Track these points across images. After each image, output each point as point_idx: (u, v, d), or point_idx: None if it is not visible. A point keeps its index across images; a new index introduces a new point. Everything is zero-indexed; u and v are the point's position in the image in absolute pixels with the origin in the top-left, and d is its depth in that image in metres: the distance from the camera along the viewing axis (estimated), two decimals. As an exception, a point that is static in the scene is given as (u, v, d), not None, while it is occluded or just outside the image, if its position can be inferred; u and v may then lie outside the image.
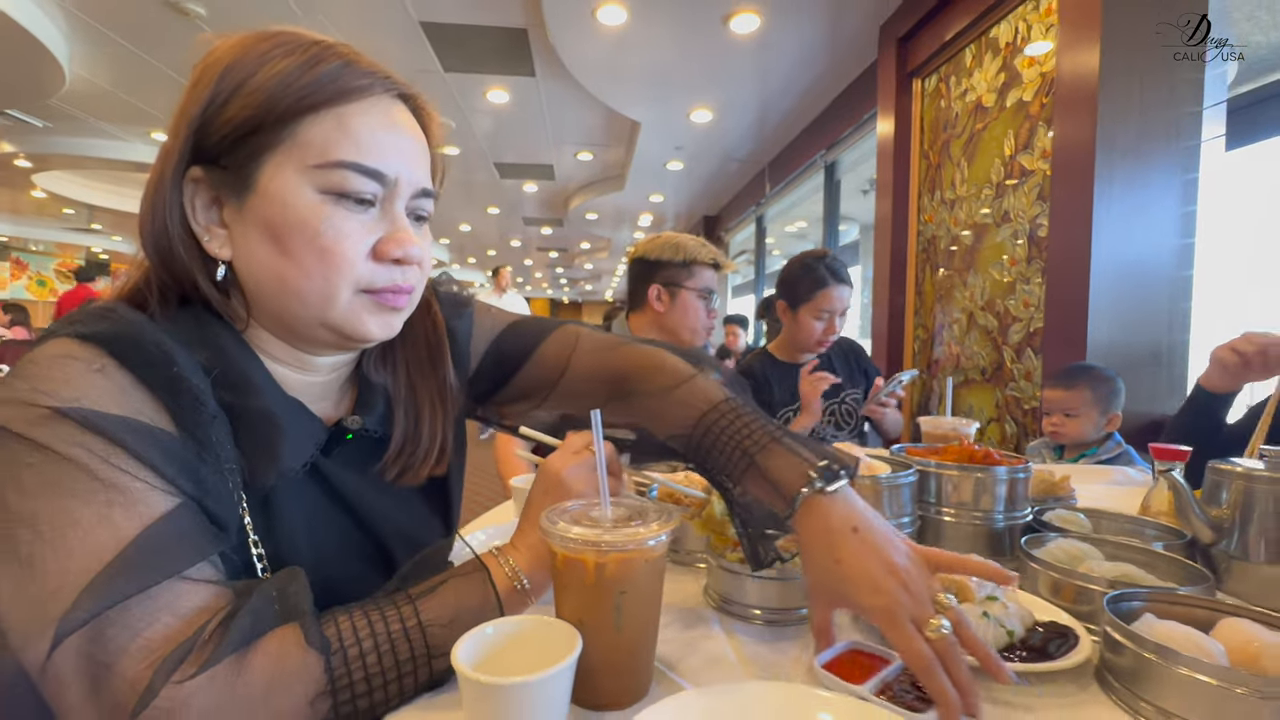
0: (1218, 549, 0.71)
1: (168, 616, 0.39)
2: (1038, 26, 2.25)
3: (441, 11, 3.36)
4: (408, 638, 0.44)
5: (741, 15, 3.11)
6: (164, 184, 0.48)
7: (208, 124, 0.47)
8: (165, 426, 0.43)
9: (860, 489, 0.73)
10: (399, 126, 0.52)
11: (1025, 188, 2.28)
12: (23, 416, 0.40)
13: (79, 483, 0.39)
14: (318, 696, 0.40)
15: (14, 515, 0.39)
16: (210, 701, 0.37)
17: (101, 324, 0.44)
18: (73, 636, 0.37)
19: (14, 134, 5.60)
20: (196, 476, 0.44)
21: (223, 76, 0.47)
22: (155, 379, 0.43)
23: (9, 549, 0.38)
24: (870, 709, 0.42)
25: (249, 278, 0.50)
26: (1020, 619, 0.56)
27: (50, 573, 0.38)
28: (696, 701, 0.43)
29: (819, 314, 1.66)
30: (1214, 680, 0.44)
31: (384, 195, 0.50)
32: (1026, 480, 0.80)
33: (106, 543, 0.39)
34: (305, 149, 0.47)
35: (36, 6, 3.47)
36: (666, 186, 6.53)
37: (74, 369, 0.41)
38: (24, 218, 9.79)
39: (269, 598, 0.42)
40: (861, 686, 0.46)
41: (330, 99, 0.48)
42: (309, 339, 0.52)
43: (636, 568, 0.45)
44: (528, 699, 0.39)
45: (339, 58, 0.49)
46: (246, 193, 0.48)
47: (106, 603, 0.37)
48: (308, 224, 0.47)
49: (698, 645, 0.57)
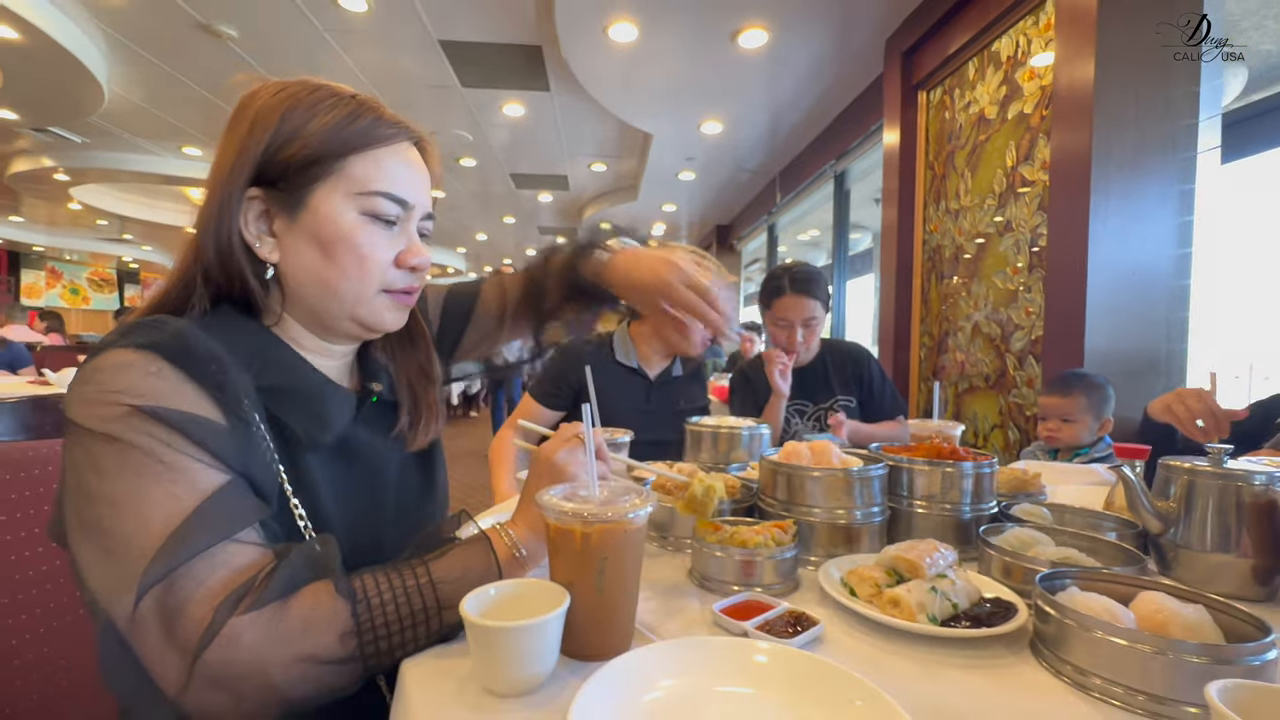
0: (1166, 539, 0.76)
1: (224, 571, 0.48)
2: (1037, 41, 2.31)
3: (460, 31, 3.50)
4: (420, 592, 0.52)
5: (750, 31, 3.20)
6: (229, 200, 0.59)
7: (270, 157, 0.59)
8: (213, 415, 0.52)
9: (833, 481, 0.80)
10: (414, 165, 0.66)
11: (1026, 198, 2.32)
12: (98, 415, 0.49)
13: (147, 466, 0.48)
14: (345, 634, 0.49)
15: (95, 497, 0.48)
16: (258, 635, 0.46)
17: (154, 334, 0.53)
18: (151, 590, 0.45)
19: (55, 149, 5.86)
20: (242, 456, 0.53)
21: (282, 121, 0.59)
22: (203, 376, 0.52)
23: (94, 526, 0.47)
24: (786, 649, 0.51)
25: (292, 278, 0.62)
26: (966, 594, 0.63)
27: (130, 540, 0.46)
28: (660, 650, 0.51)
29: (776, 321, 1.72)
30: (1122, 641, 0.50)
31: (404, 217, 0.65)
32: (992, 475, 0.86)
33: (173, 513, 0.47)
34: (350, 180, 0.61)
35: (79, 30, 3.67)
36: (679, 196, 6.63)
37: (134, 374, 0.50)
38: (59, 228, 10.17)
39: (306, 556, 0.51)
40: (747, 623, 0.57)
41: (369, 143, 0.62)
42: (335, 330, 0.65)
43: (617, 538, 0.53)
44: (523, 640, 0.47)
45: (372, 112, 0.63)
46: (299, 210, 0.60)
47: (176, 561, 0.46)
48: (350, 238, 0.60)
49: (677, 614, 0.65)
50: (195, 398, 0.52)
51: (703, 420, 1.19)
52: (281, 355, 0.62)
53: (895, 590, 0.62)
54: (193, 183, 6.57)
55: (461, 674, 0.51)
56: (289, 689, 0.47)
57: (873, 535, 0.82)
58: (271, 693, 0.46)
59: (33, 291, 11.88)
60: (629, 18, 3.09)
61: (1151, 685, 0.49)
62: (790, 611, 0.62)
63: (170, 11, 3.35)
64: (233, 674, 0.45)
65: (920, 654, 0.58)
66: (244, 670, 0.45)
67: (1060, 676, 0.54)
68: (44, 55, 3.70)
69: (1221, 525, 0.72)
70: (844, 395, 1.76)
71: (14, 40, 3.57)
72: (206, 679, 0.44)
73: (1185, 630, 0.52)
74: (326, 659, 0.48)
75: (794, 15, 3.08)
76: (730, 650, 0.51)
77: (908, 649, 0.59)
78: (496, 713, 0.47)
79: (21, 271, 11.71)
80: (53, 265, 12.29)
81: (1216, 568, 0.72)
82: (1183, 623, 0.53)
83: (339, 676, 0.49)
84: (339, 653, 0.48)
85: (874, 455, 0.89)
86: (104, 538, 0.47)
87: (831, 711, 0.44)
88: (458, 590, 0.52)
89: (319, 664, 0.48)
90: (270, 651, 0.46)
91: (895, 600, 0.62)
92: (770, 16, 3.10)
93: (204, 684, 0.44)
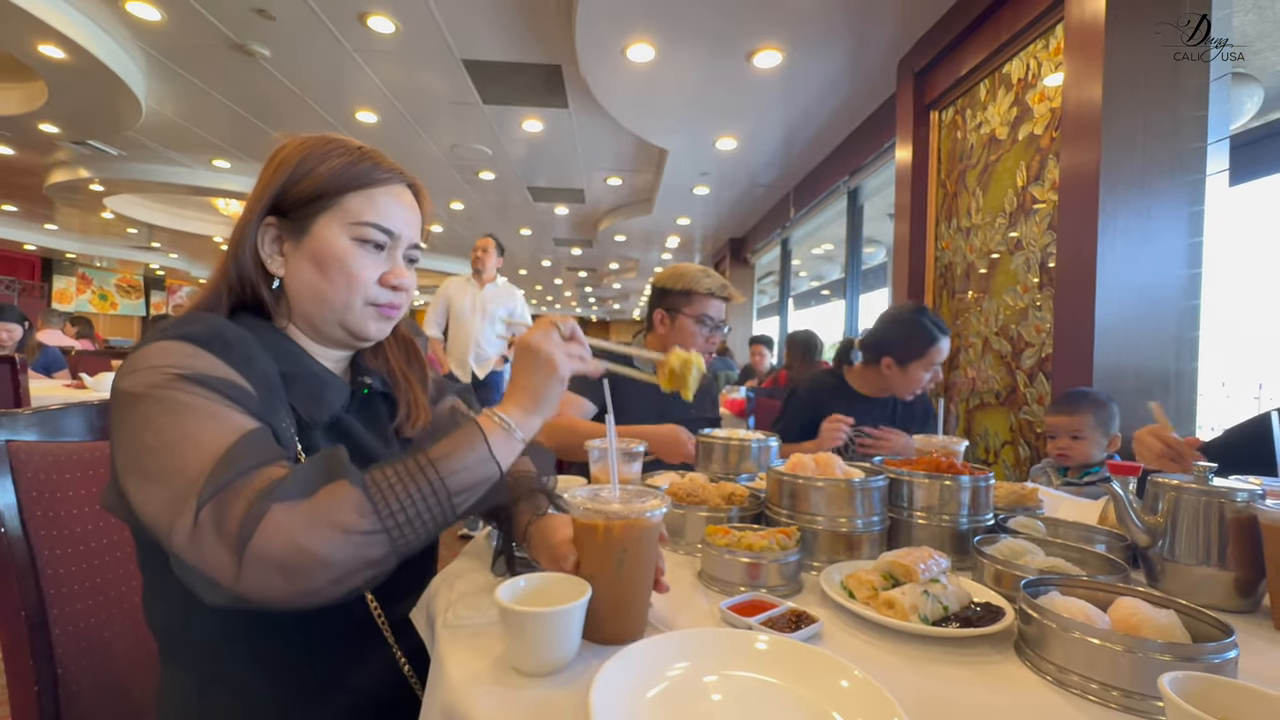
0: (1153, 552, 0.80)
1: (259, 483, 0.55)
2: (1048, 64, 2.35)
3: (482, 51, 3.62)
4: (421, 470, 0.59)
5: (765, 52, 3.27)
6: (251, 225, 0.72)
7: (285, 193, 0.72)
8: (238, 379, 0.62)
9: (836, 491, 0.85)
10: (405, 203, 0.78)
11: (1037, 217, 2.36)
12: (148, 382, 0.58)
13: (193, 414, 0.57)
14: (363, 509, 0.55)
15: (154, 448, 0.56)
16: (290, 518, 0.53)
17: (189, 326, 0.63)
18: (206, 505, 0.53)
19: (91, 161, 6.08)
20: (270, 418, 0.63)
21: (299, 164, 0.72)
22: (233, 358, 0.63)
23: (154, 472, 0.56)
24: (784, 640, 0.57)
25: (294, 290, 0.74)
26: (957, 598, 0.67)
27: (186, 471, 0.55)
28: (672, 638, 0.56)
29: (929, 367, 1.77)
30: (1096, 640, 0.55)
31: (391, 245, 0.76)
32: (988, 489, 0.91)
33: (219, 444, 0.56)
34: (346, 212, 0.73)
35: (121, 49, 3.84)
36: (694, 210, 6.71)
37: (176, 354, 0.61)
38: (91, 236, 10.49)
39: (322, 459, 0.59)
40: (752, 619, 0.62)
41: (365, 184, 0.74)
42: (327, 334, 0.76)
43: (634, 534, 0.59)
44: (550, 625, 0.53)
45: (372, 159, 0.75)
46: (303, 235, 0.73)
47: (226, 479, 0.54)
48: (342, 258, 0.72)
49: (687, 610, 0.70)
50: (226, 374, 0.62)
51: (714, 432, 1.24)
52: (289, 347, 0.74)
53: (890, 593, 0.67)
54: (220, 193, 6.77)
55: (493, 655, 0.57)
56: (329, 554, 0.53)
57: (873, 543, 0.87)
58: (314, 561, 0.53)
59: (64, 297, 12.24)
60: (647, 39, 3.18)
61: (1123, 681, 0.53)
62: (792, 610, 0.67)
63: (207, 32, 3.51)
64: (276, 553, 0.52)
65: (912, 651, 0.62)
66: (285, 547, 0.52)
67: (1042, 674, 0.58)
68: (87, 73, 3.87)
69: (1206, 539, 0.76)
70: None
71: (60, 59, 3.74)
72: (255, 563, 0.51)
73: (1156, 632, 0.56)
74: (351, 529, 0.54)
75: (809, 37, 3.16)
76: (734, 639, 0.56)
77: (901, 647, 0.63)
78: (525, 690, 0.52)
79: (54, 277, 12.07)
80: (83, 271, 12.65)
81: (1201, 580, 0.76)
82: (1154, 626, 0.57)
83: (370, 547, 0.55)
84: (361, 525, 0.55)
85: (876, 468, 0.94)
86: (164, 476, 0.55)
87: (822, 692, 0.49)
88: (453, 465, 0.60)
89: (347, 533, 0.54)
90: (302, 527, 0.53)
91: (890, 602, 0.66)
92: (785, 38, 3.17)
93: (254, 569, 0.51)
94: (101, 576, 0.81)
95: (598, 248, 9.37)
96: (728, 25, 3.05)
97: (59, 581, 0.76)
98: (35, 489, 0.76)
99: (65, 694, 0.75)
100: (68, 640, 0.76)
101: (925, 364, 1.76)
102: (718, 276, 1.70)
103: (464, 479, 0.60)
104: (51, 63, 3.80)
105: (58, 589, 0.76)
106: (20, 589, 0.72)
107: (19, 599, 0.72)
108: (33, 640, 0.73)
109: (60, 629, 0.76)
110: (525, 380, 0.68)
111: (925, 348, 1.75)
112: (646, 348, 1.73)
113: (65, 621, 0.76)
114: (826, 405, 1.79)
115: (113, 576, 0.82)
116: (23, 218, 9.32)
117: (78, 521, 0.80)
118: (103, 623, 0.80)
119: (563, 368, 0.68)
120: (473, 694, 0.52)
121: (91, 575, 0.80)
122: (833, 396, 1.83)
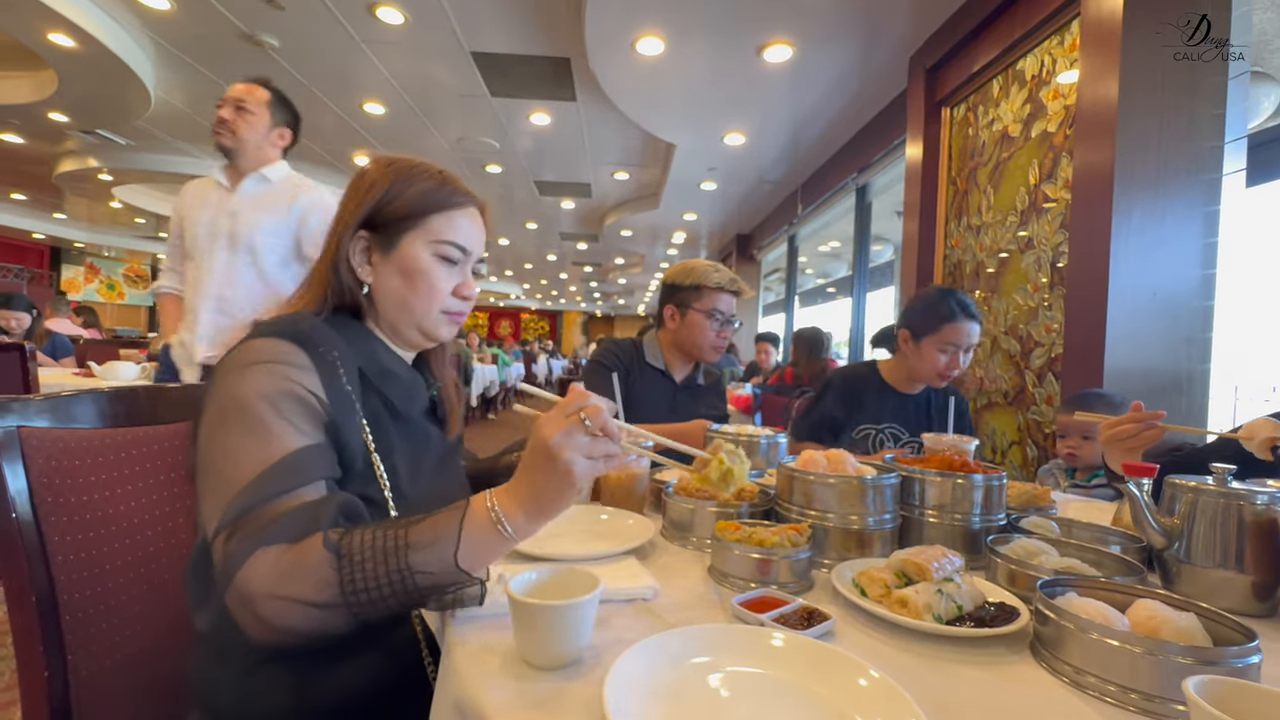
0: (1169, 554, 0.79)
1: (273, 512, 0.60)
2: (1062, 60, 2.33)
3: (491, 43, 3.60)
4: (395, 554, 0.57)
5: (775, 46, 3.25)
6: (346, 237, 0.81)
7: (377, 211, 0.81)
8: (319, 388, 0.69)
9: (847, 488, 0.84)
10: (476, 223, 0.88)
11: (1049, 216, 2.34)
12: (234, 380, 0.66)
13: (255, 425, 0.64)
14: (325, 583, 0.56)
15: (218, 446, 0.63)
16: (263, 569, 0.57)
17: (290, 326, 0.72)
18: (226, 526, 0.58)
19: (100, 151, 6.10)
20: (336, 421, 0.69)
21: (390, 187, 0.81)
22: (318, 359, 0.71)
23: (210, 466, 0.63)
24: (800, 637, 0.56)
25: (381, 297, 0.83)
26: (971, 598, 0.67)
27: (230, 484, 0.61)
28: (685, 633, 0.56)
29: (944, 346, 1.65)
30: (1115, 642, 0.54)
31: (464, 260, 0.85)
32: (1001, 488, 0.90)
33: (262, 462, 0.62)
34: (430, 231, 0.82)
35: (130, 38, 3.84)
36: (700, 205, 6.69)
37: (270, 350, 0.69)
38: (99, 226, 10.54)
39: (311, 514, 0.60)
40: (764, 615, 0.62)
41: (446, 206, 0.83)
42: (404, 337, 0.85)
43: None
44: (563, 618, 0.52)
45: (452, 184, 0.85)
46: (392, 250, 0.82)
47: (247, 504, 0.59)
48: (425, 271, 0.82)
49: (697, 607, 0.69)
50: (310, 372, 0.69)
51: (723, 428, 1.24)
52: (381, 347, 0.83)
53: (903, 591, 0.66)
54: (228, 184, 6.77)
55: (504, 650, 0.57)
56: (273, 618, 0.56)
57: (884, 541, 0.86)
58: (261, 621, 0.56)
59: (72, 286, 12.30)
60: (656, 32, 3.16)
61: (1142, 684, 0.52)
62: (804, 607, 0.66)
63: (217, 22, 3.51)
64: (249, 594, 0.56)
65: (926, 651, 0.62)
66: (256, 595, 0.56)
67: (1058, 675, 0.58)
68: (97, 62, 3.88)
69: (1224, 542, 0.75)
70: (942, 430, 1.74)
71: (70, 48, 3.75)
72: (233, 597, 0.56)
73: (1176, 635, 0.55)
74: (311, 602, 0.56)
75: (819, 32, 3.13)
76: (749, 636, 0.55)
77: (914, 645, 0.63)
78: (537, 682, 0.52)
79: (62, 266, 12.13)
80: (91, 261, 12.71)
81: (1218, 583, 0.75)
82: (1174, 628, 0.56)
83: (324, 618, 0.56)
84: (316, 598, 0.56)
85: (887, 465, 0.93)
86: (217, 475, 0.62)
87: (839, 690, 0.49)
88: (429, 558, 0.57)
89: (305, 606, 0.56)
90: (263, 585, 0.56)
91: (903, 600, 0.66)
92: (796, 32, 3.15)
93: (233, 601, 0.56)
94: (111, 563, 0.81)
95: (603, 242, 9.36)
96: (738, 19, 3.03)
97: (69, 567, 0.76)
98: (46, 475, 0.76)
99: (75, 679, 0.75)
100: (77, 626, 0.76)
101: (939, 341, 1.64)
102: (727, 271, 1.69)
103: (433, 580, 0.57)
104: (61, 51, 3.81)
105: (68, 575, 0.76)
106: (31, 574, 0.72)
107: (29, 584, 0.72)
108: (43, 626, 0.73)
109: (70, 615, 0.76)
110: (534, 480, 0.59)
111: (940, 323, 1.64)
112: (657, 343, 1.72)
113: (75, 608, 0.76)
114: (861, 397, 1.75)
115: (122, 563, 0.82)
116: (32, 206, 9.36)
117: (88, 508, 0.80)
118: (112, 609, 0.80)
119: (581, 478, 0.58)
120: (484, 686, 0.52)
121: (101, 562, 0.80)
122: (867, 388, 1.77)
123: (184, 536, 0.90)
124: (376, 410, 0.77)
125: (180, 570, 0.88)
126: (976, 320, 1.66)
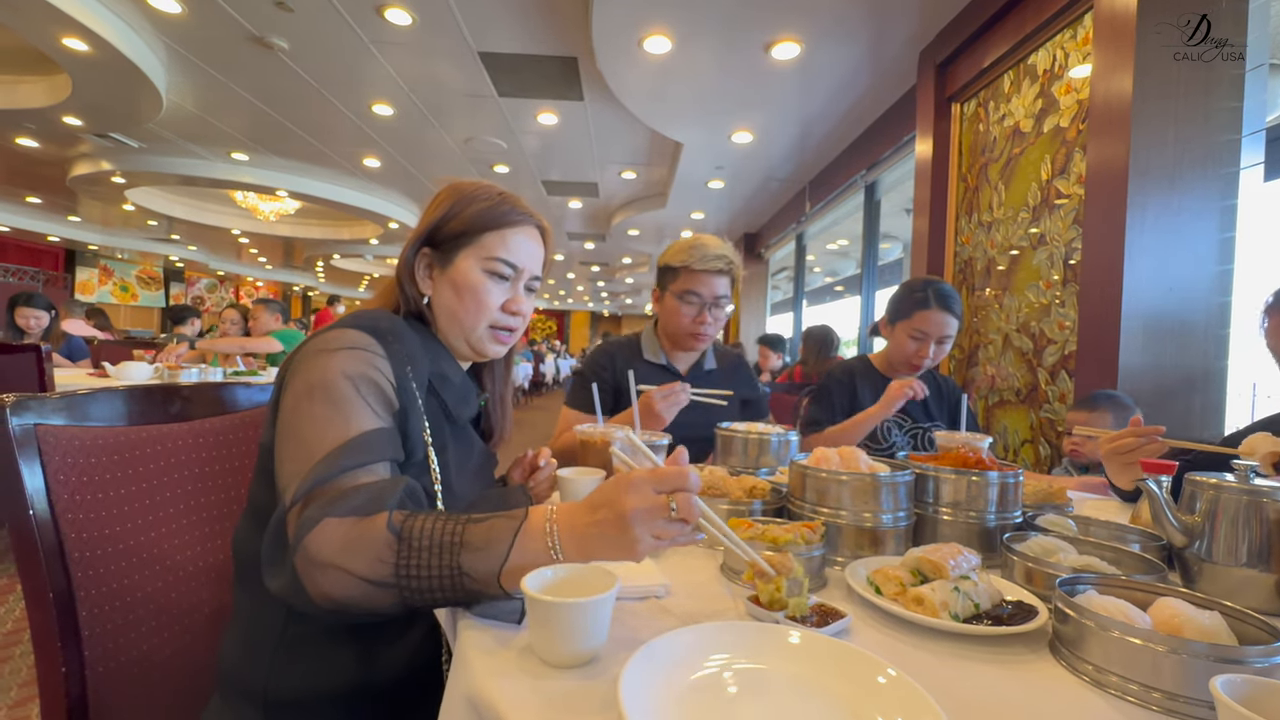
0: (1190, 552, 0.78)
1: (345, 484, 0.63)
2: (1075, 54, 2.30)
3: (498, 43, 3.61)
4: (450, 550, 0.58)
5: (783, 44, 3.24)
6: (411, 253, 0.87)
7: (438, 229, 0.87)
8: (390, 380, 0.73)
9: (861, 485, 0.84)
10: (532, 241, 0.91)
11: (1061, 212, 2.31)
12: (321, 363, 0.70)
13: (337, 400, 0.68)
14: (380, 561, 0.58)
15: (305, 414, 0.67)
16: (331, 536, 0.58)
17: (370, 320, 0.77)
18: (303, 496, 0.61)
19: (113, 154, 6.16)
20: (402, 414, 0.74)
21: (451, 206, 0.87)
22: (392, 352, 0.75)
23: (294, 433, 0.67)
24: (817, 635, 0.55)
25: (437, 309, 0.88)
26: (988, 596, 0.66)
27: (311, 453, 0.64)
28: (701, 630, 0.56)
29: (913, 333, 1.67)
30: (1138, 640, 0.53)
31: (515, 277, 0.89)
32: (1017, 485, 0.89)
33: (339, 438, 0.65)
34: (482, 248, 0.87)
35: (142, 42, 3.88)
36: (708, 204, 6.67)
37: (351, 339, 0.73)
38: (112, 228, 10.65)
39: (379, 492, 0.63)
40: (778, 613, 0.62)
41: (501, 225, 0.88)
42: (456, 349, 0.91)
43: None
44: (579, 616, 0.52)
45: (509, 204, 0.89)
46: (448, 265, 0.87)
47: (322, 475, 0.62)
48: (475, 287, 0.86)
49: (710, 604, 0.69)
50: (386, 363, 0.73)
51: (733, 426, 1.23)
52: (445, 354, 0.88)
53: (919, 589, 0.66)
54: (238, 186, 6.84)
55: (519, 646, 0.57)
56: (329, 588, 0.57)
57: (898, 539, 0.85)
58: (319, 587, 0.57)
59: (86, 288, 12.44)
60: (664, 31, 3.15)
61: (1165, 683, 0.52)
62: (819, 605, 0.66)
63: (227, 25, 3.53)
64: (316, 558, 0.57)
65: (943, 649, 0.61)
66: (311, 561, 0.57)
67: (1079, 674, 0.57)
68: (110, 66, 3.92)
69: (1246, 540, 0.74)
70: (940, 421, 1.75)
71: (84, 52, 3.79)
72: (301, 559, 0.58)
73: (1200, 634, 0.54)
74: (361, 576, 0.57)
75: (827, 28, 3.11)
76: (766, 633, 0.55)
77: (931, 644, 0.62)
78: (551, 679, 0.52)
79: (76, 269, 12.27)
80: (105, 263, 12.85)
81: (1241, 582, 0.74)
82: (1197, 627, 0.55)
83: (375, 595, 0.58)
84: (371, 575, 0.57)
85: (901, 463, 0.92)
86: (298, 444, 0.66)
87: (858, 688, 0.48)
88: (478, 560, 0.57)
89: (355, 578, 0.57)
90: (327, 553, 0.57)
91: (919, 598, 0.65)
92: (803, 29, 3.13)
93: (301, 563, 0.58)
94: (127, 560, 0.82)
95: (611, 242, 9.36)
96: (746, 16, 3.01)
97: (86, 564, 0.77)
98: (63, 473, 0.76)
99: (92, 675, 0.76)
100: (94, 622, 0.77)
101: (909, 327, 1.66)
102: (711, 247, 1.53)
103: (477, 586, 0.58)
104: (75, 55, 3.85)
105: (84, 572, 0.77)
106: (48, 571, 0.73)
107: (47, 581, 0.73)
108: (60, 622, 0.74)
109: (87, 611, 0.76)
110: (598, 531, 0.58)
111: (912, 309, 1.66)
112: (655, 336, 1.68)
113: (92, 604, 0.77)
114: (859, 386, 1.77)
115: (138, 560, 0.83)
116: (47, 209, 9.48)
117: (104, 505, 0.80)
118: (129, 606, 0.81)
119: (643, 554, 0.58)
120: (499, 682, 0.51)
121: (118, 559, 0.81)
122: (863, 378, 1.80)
123: (198, 533, 0.91)
124: (435, 409, 0.81)
125: (195, 567, 0.89)
126: (951, 313, 1.66)
